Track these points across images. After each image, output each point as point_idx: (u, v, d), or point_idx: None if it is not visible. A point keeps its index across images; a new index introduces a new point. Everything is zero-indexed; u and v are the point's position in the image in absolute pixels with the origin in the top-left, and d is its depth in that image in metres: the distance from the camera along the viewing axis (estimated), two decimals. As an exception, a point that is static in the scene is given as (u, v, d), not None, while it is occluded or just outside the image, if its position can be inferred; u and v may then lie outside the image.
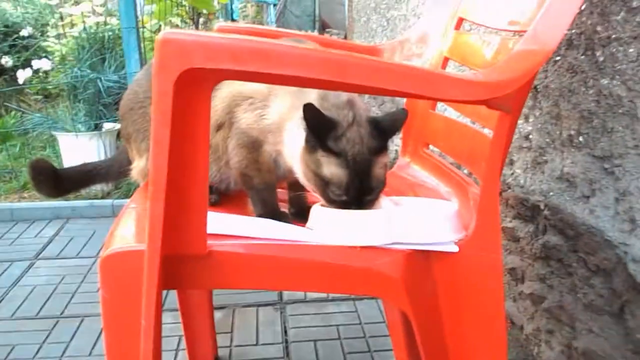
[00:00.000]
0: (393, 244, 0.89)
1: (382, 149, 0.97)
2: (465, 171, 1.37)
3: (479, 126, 1.20)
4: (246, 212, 1.08)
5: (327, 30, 11.40)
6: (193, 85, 0.69)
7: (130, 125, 1.19)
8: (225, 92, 1.05)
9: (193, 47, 0.66)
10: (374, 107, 3.86)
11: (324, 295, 2.00)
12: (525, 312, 1.58)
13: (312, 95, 0.95)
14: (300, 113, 0.89)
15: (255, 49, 0.66)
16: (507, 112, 0.83)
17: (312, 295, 2.01)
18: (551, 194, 1.38)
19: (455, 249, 0.91)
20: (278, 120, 1.01)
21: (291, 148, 0.98)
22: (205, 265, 0.84)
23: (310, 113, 0.89)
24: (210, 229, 0.83)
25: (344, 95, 0.96)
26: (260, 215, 1.05)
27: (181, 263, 0.84)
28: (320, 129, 0.92)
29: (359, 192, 0.93)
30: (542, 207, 1.43)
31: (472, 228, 0.93)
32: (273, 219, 1.01)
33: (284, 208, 1.14)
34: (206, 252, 0.83)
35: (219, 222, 0.88)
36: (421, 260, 0.92)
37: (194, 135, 0.75)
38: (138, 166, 1.18)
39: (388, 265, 0.88)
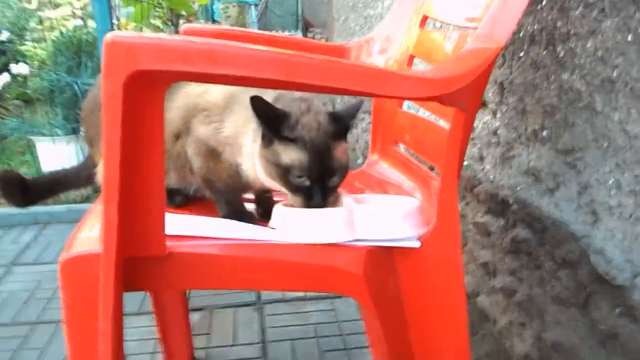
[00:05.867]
0: (355, 241, 0.90)
1: (341, 135, 0.99)
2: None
3: (444, 122, 1.21)
4: (213, 213, 1.08)
5: (311, 29, 11.39)
6: (143, 88, 0.70)
7: (91, 129, 1.18)
8: (180, 103, 1.05)
9: (140, 49, 0.66)
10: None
11: (301, 294, 2.01)
12: (497, 306, 1.59)
13: None
14: (255, 126, 0.90)
15: (203, 49, 0.67)
16: (462, 109, 0.84)
17: (290, 294, 2.02)
18: (518, 188, 1.40)
19: (417, 244, 0.92)
20: (234, 133, 1.01)
21: (249, 159, 0.99)
22: (165, 266, 0.84)
23: (258, 105, 0.90)
24: (169, 230, 0.84)
25: (297, 93, 0.98)
26: (226, 216, 1.05)
27: (141, 265, 0.84)
28: (272, 120, 0.93)
29: (321, 174, 0.94)
30: (510, 201, 1.45)
31: (432, 222, 0.94)
32: (239, 219, 1.01)
33: (252, 209, 1.14)
34: (165, 253, 0.83)
35: (178, 223, 0.89)
36: (383, 257, 0.92)
37: (148, 138, 0.75)
38: (102, 169, 1.18)
39: (349, 262, 0.89)
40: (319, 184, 0.93)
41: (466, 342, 0.96)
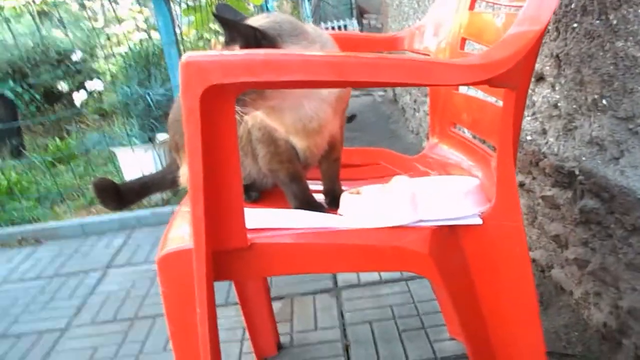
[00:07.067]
0: (419, 221, 0.96)
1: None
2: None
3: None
4: (286, 205, 1.17)
5: (365, 16, 11.37)
6: (216, 99, 0.78)
7: (176, 135, 1.30)
8: None
9: (211, 67, 0.75)
10: (420, 96, 3.88)
11: (377, 278, 2.08)
12: (572, 278, 1.60)
13: None
14: None
15: (265, 61, 0.74)
16: (512, 89, 0.88)
17: (365, 278, 2.09)
18: (583, 158, 1.40)
19: (478, 221, 0.97)
20: None
21: None
22: (248, 257, 0.93)
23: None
24: (249, 225, 0.93)
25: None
26: (296, 208, 1.13)
27: (228, 257, 0.93)
28: None
29: None
30: (576, 172, 1.45)
31: (493, 199, 0.98)
32: (308, 209, 1.09)
33: (321, 200, 1.21)
34: (247, 245, 0.92)
35: (256, 217, 0.97)
36: (447, 235, 0.98)
37: (224, 142, 0.83)
38: (185, 173, 1.29)
39: (415, 242, 0.94)
40: None
41: (536, 312, 0.99)
